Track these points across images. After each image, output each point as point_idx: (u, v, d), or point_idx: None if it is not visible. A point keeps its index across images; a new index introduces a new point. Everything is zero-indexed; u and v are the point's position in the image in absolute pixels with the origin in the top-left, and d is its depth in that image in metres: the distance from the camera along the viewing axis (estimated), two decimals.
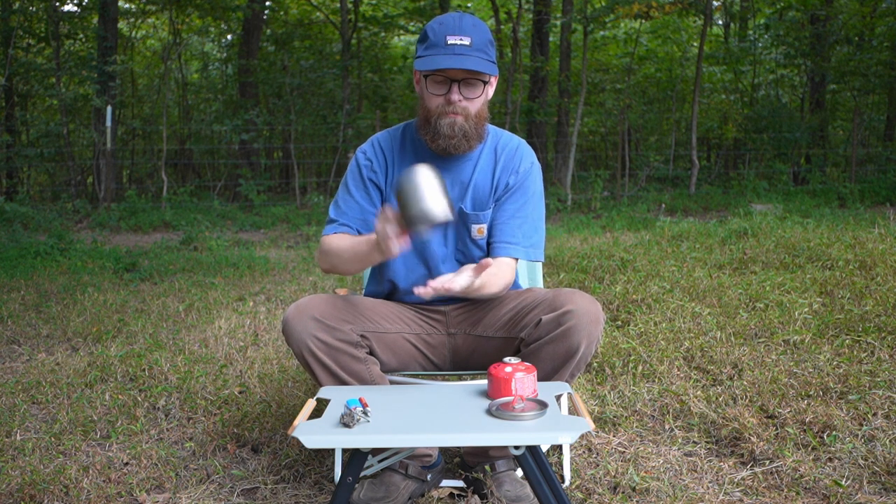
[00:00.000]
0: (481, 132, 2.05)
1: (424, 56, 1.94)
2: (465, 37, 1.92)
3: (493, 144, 2.12)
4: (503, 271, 2.03)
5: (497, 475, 2.04)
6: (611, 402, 2.66)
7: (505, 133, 2.16)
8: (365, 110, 15.08)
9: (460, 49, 1.91)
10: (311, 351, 1.92)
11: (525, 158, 2.11)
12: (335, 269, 2.08)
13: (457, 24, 1.94)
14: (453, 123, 1.97)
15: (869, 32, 14.59)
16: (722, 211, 10.08)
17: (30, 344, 3.82)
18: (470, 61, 1.91)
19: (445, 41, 1.92)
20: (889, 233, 5.23)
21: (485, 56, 1.94)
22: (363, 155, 2.14)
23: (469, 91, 1.97)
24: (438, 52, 1.92)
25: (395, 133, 2.16)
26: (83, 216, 10.41)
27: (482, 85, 1.98)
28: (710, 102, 15.68)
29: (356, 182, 2.12)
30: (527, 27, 14.92)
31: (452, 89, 1.95)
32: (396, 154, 2.12)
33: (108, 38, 11.83)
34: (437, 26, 1.95)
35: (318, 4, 15.70)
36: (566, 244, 6.34)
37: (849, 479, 2.04)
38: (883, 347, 2.90)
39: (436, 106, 1.98)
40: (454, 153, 2.04)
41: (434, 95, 1.98)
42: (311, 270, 6.07)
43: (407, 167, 2.09)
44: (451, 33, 1.92)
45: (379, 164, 2.12)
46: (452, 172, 2.08)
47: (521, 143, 2.14)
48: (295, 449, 2.36)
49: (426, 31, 1.97)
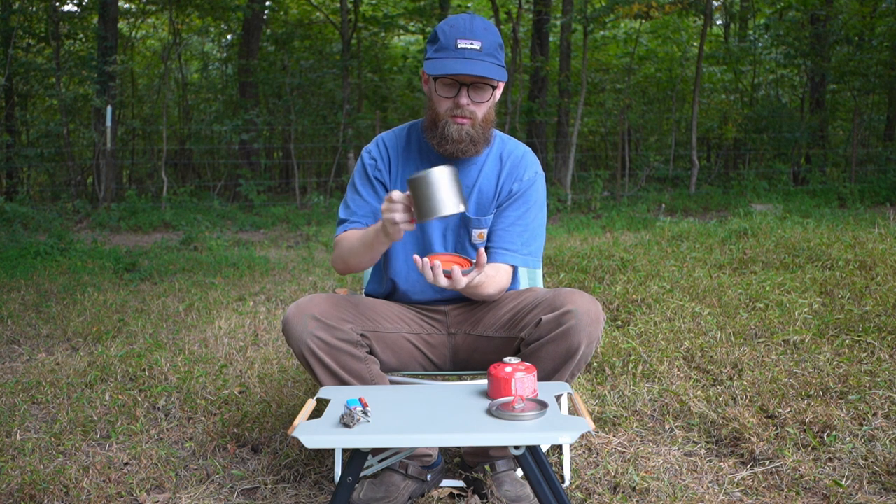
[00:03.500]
0: (488, 136, 2.05)
1: (435, 59, 1.94)
2: (476, 41, 1.91)
3: (500, 151, 2.12)
4: (500, 276, 2.05)
5: (497, 475, 2.04)
6: (611, 402, 2.66)
7: (512, 140, 2.16)
8: (365, 110, 15.08)
9: (471, 53, 1.91)
10: (311, 350, 1.92)
11: (530, 167, 2.11)
12: (349, 266, 2.08)
13: (468, 27, 1.93)
14: (461, 128, 1.98)
15: (869, 32, 14.58)
16: (722, 211, 10.08)
17: (30, 344, 3.82)
18: (480, 66, 1.90)
19: (456, 44, 1.91)
20: (889, 233, 5.23)
21: (495, 61, 1.94)
22: (368, 154, 2.15)
23: (477, 95, 1.97)
24: (449, 55, 1.92)
25: (400, 133, 2.16)
26: (83, 216, 10.41)
27: (491, 90, 1.98)
28: (710, 102, 15.68)
29: (363, 181, 2.13)
30: (527, 27, 14.92)
31: (461, 93, 1.95)
32: (401, 154, 2.13)
33: (108, 38, 11.83)
34: (447, 28, 1.95)
35: (318, 4, 15.70)
36: (566, 244, 6.34)
37: (849, 479, 2.04)
38: (883, 347, 2.90)
39: (444, 109, 1.98)
40: (461, 157, 2.04)
41: (443, 98, 1.98)
42: (311, 270, 6.07)
43: (412, 168, 2.10)
44: (461, 36, 1.92)
45: (384, 163, 2.13)
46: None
47: (526, 152, 2.14)
48: (295, 449, 2.36)
49: (436, 32, 1.97)
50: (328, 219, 10.01)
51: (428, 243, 2.11)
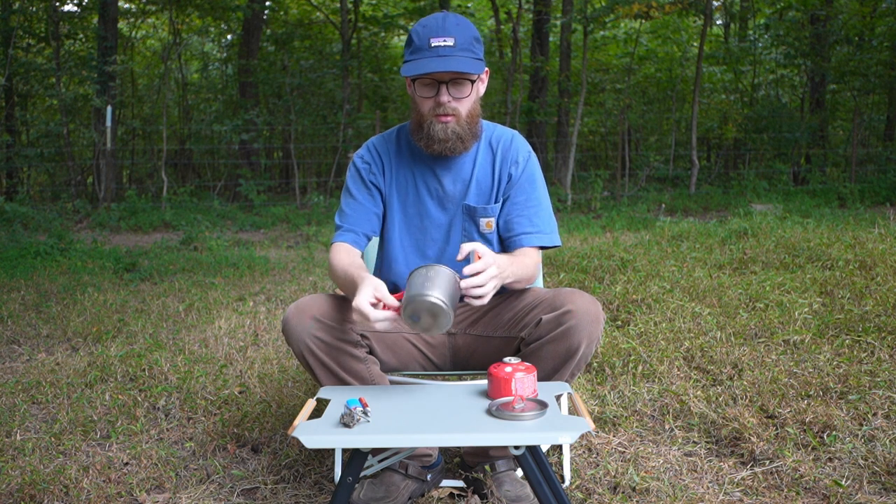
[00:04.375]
0: (475, 130, 2.05)
1: (410, 60, 1.95)
2: (449, 37, 1.92)
3: (488, 138, 2.12)
4: (530, 255, 2.04)
5: (497, 475, 2.04)
6: (611, 402, 2.66)
7: (497, 126, 2.16)
8: (365, 110, 15.09)
9: (444, 50, 1.91)
10: (310, 350, 1.92)
11: (522, 148, 2.12)
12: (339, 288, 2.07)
13: (440, 24, 1.94)
14: (446, 127, 1.98)
15: (869, 32, 14.59)
16: (722, 211, 10.08)
17: (30, 344, 3.82)
18: (454, 62, 1.91)
19: (429, 44, 1.92)
20: (889, 233, 5.23)
21: (470, 55, 1.94)
22: (361, 159, 2.15)
23: (458, 91, 1.97)
24: (423, 55, 1.92)
25: (389, 137, 2.17)
26: (83, 216, 10.41)
27: (470, 84, 1.98)
28: (710, 102, 15.68)
29: (357, 185, 2.13)
30: (527, 27, 14.92)
31: (441, 91, 1.95)
32: (393, 157, 2.13)
33: (108, 38, 11.83)
34: (420, 29, 1.96)
35: (318, 4, 15.70)
36: (566, 244, 6.34)
37: (849, 479, 2.04)
38: (883, 347, 2.90)
39: (427, 109, 1.99)
40: (449, 155, 2.05)
41: (424, 98, 1.98)
42: (311, 270, 6.07)
43: (405, 172, 2.10)
44: (434, 35, 1.92)
45: (378, 167, 2.13)
46: (452, 171, 2.09)
47: (514, 135, 2.15)
48: (295, 449, 2.36)
49: (411, 34, 1.98)
50: (328, 219, 10.01)
51: (430, 243, 2.11)
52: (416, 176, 2.11)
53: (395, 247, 2.13)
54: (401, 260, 2.13)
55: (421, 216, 2.11)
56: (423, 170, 2.10)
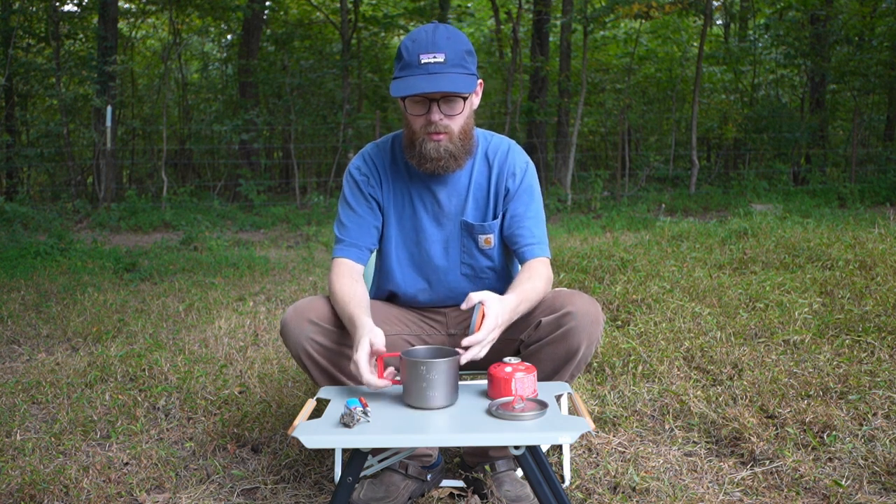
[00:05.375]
0: (469, 147, 1.99)
1: (400, 78, 1.87)
2: (440, 53, 1.84)
3: (484, 150, 2.07)
4: (539, 273, 1.98)
5: (497, 475, 2.04)
6: (611, 402, 2.66)
7: (494, 136, 2.11)
8: (365, 110, 15.08)
9: (434, 67, 1.83)
10: (308, 354, 1.92)
11: (519, 159, 2.08)
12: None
13: (430, 39, 1.86)
14: (438, 146, 1.92)
15: (869, 32, 14.59)
16: (722, 211, 10.08)
17: (30, 344, 3.82)
18: (444, 81, 1.83)
19: (419, 60, 1.84)
20: (889, 233, 5.23)
21: (462, 70, 1.87)
22: (358, 171, 2.08)
23: (449, 108, 1.90)
24: (413, 72, 1.85)
25: (384, 147, 2.10)
26: (83, 216, 10.41)
27: (462, 101, 1.91)
28: (710, 102, 15.68)
29: (356, 197, 2.07)
30: (527, 27, 14.92)
31: (432, 109, 1.89)
32: (388, 169, 2.08)
33: (108, 38, 11.83)
34: (410, 44, 1.88)
35: (318, 4, 15.70)
36: (566, 244, 6.34)
37: (849, 479, 2.04)
38: (883, 347, 2.90)
39: (419, 127, 1.92)
40: (443, 174, 2.00)
41: (415, 116, 1.92)
42: (311, 270, 6.07)
43: (401, 184, 2.05)
44: (424, 51, 1.84)
45: (375, 179, 2.08)
46: (448, 186, 2.04)
47: (511, 145, 2.10)
48: (295, 449, 2.36)
49: (400, 49, 1.90)
50: (328, 218, 10.02)
51: (427, 259, 2.09)
52: (411, 191, 2.06)
53: (391, 262, 2.10)
54: (398, 274, 2.11)
55: (417, 231, 2.07)
56: (417, 185, 2.05)
